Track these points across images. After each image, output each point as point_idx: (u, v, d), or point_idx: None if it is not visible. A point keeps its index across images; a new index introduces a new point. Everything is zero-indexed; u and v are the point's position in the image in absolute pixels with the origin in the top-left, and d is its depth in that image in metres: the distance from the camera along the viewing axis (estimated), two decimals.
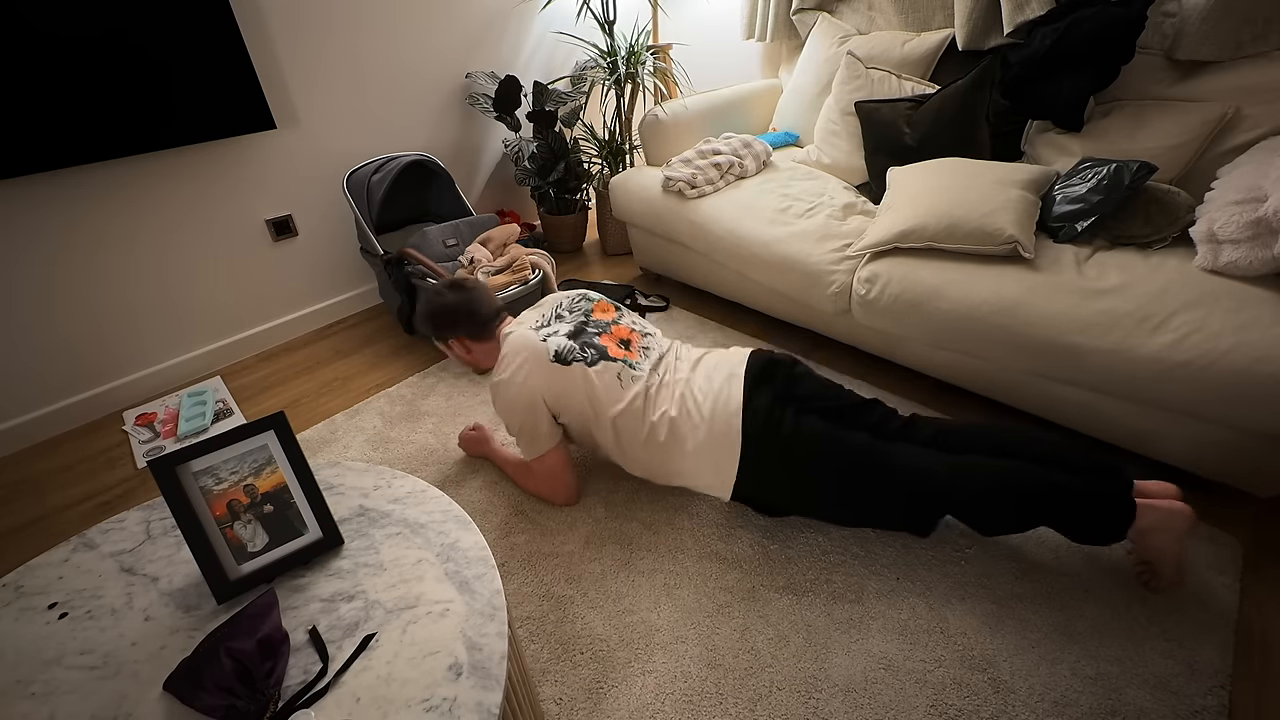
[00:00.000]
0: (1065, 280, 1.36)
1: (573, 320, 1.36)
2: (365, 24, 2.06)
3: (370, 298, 2.40)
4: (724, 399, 1.22)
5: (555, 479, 1.37)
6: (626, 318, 1.42)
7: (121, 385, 1.87)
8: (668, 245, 2.17)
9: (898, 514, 1.20)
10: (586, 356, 1.28)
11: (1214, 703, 0.99)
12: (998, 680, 1.03)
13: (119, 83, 1.59)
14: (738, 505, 1.38)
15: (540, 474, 1.37)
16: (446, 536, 0.82)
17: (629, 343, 1.35)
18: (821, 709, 1.01)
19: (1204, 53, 1.51)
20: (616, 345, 1.33)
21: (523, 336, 1.31)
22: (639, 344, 1.36)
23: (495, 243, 2.00)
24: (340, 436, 1.67)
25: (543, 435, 1.31)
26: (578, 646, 1.12)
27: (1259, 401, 1.14)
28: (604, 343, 1.32)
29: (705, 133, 2.27)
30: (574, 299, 1.43)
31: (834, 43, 2.18)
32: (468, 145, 2.56)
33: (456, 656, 0.66)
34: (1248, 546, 1.23)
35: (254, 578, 0.76)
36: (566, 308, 1.40)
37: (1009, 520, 1.13)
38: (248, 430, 0.76)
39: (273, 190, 2.03)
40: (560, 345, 1.28)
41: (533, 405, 1.27)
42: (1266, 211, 1.19)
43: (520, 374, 1.27)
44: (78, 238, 1.69)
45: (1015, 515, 1.12)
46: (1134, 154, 1.51)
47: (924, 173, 1.67)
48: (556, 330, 1.32)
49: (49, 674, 0.68)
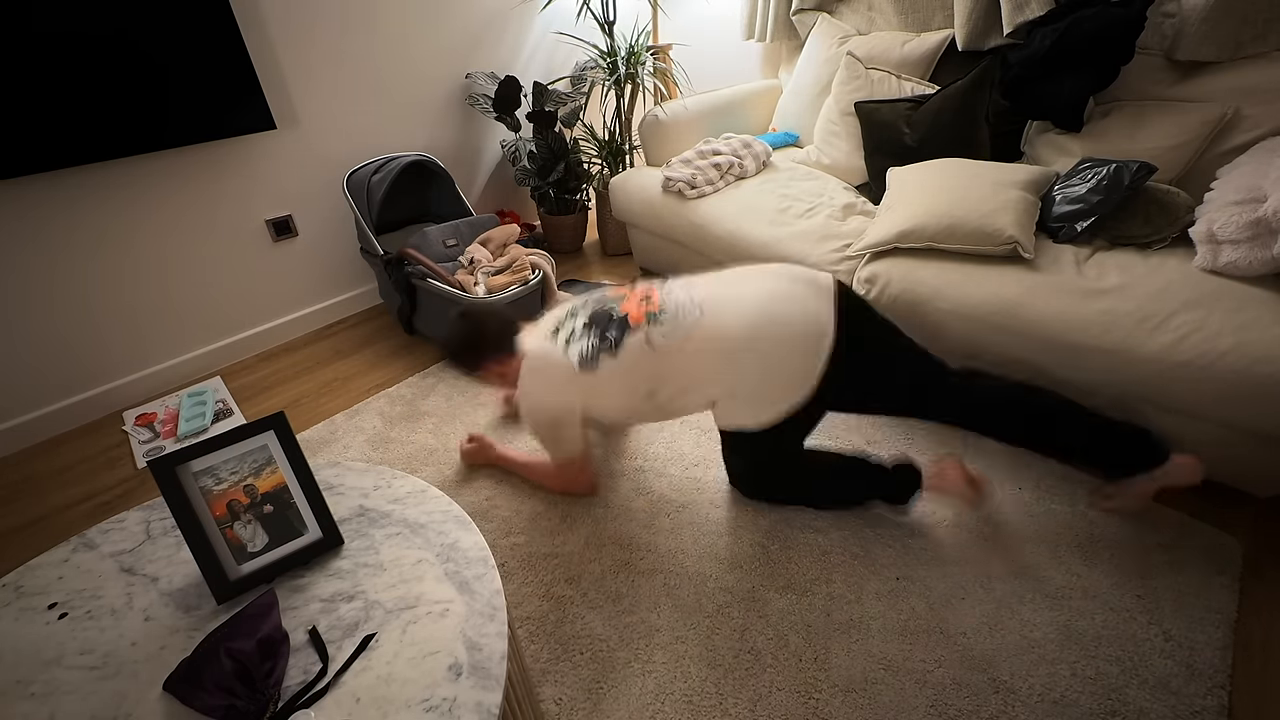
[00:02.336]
0: (1065, 280, 1.36)
1: (588, 308, 1.28)
2: (365, 24, 2.06)
3: (370, 298, 2.40)
4: (807, 315, 1.17)
5: (580, 473, 1.38)
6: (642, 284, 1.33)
7: (121, 385, 1.87)
8: (668, 245, 2.17)
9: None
10: (609, 343, 1.20)
11: (1214, 703, 0.98)
12: (998, 680, 1.03)
13: (119, 83, 1.59)
14: (737, 505, 1.38)
15: (563, 472, 1.38)
16: (446, 537, 0.82)
17: (649, 297, 1.25)
18: (821, 709, 1.01)
19: (1204, 53, 1.51)
20: (638, 304, 1.24)
21: (541, 351, 1.27)
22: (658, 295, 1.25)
23: (495, 243, 2.00)
24: (340, 436, 1.67)
25: (570, 441, 1.31)
26: (578, 646, 1.12)
27: (1259, 401, 1.14)
28: (624, 310, 1.23)
29: (705, 133, 2.28)
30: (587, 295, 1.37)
31: (834, 43, 2.18)
32: (468, 145, 2.56)
33: (456, 656, 0.66)
34: (1247, 547, 1.23)
35: (254, 578, 0.76)
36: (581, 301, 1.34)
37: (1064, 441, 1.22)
38: (248, 430, 0.76)
39: (273, 190, 2.03)
40: (582, 349, 1.22)
41: (560, 418, 1.27)
42: (1266, 212, 1.19)
43: (548, 390, 1.26)
44: (78, 237, 1.69)
45: (1067, 437, 1.21)
46: (1134, 154, 1.51)
47: (924, 173, 1.67)
48: (573, 331, 1.25)
49: (49, 674, 0.68)
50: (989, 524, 1.30)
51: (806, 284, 1.22)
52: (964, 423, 1.28)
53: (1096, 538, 1.26)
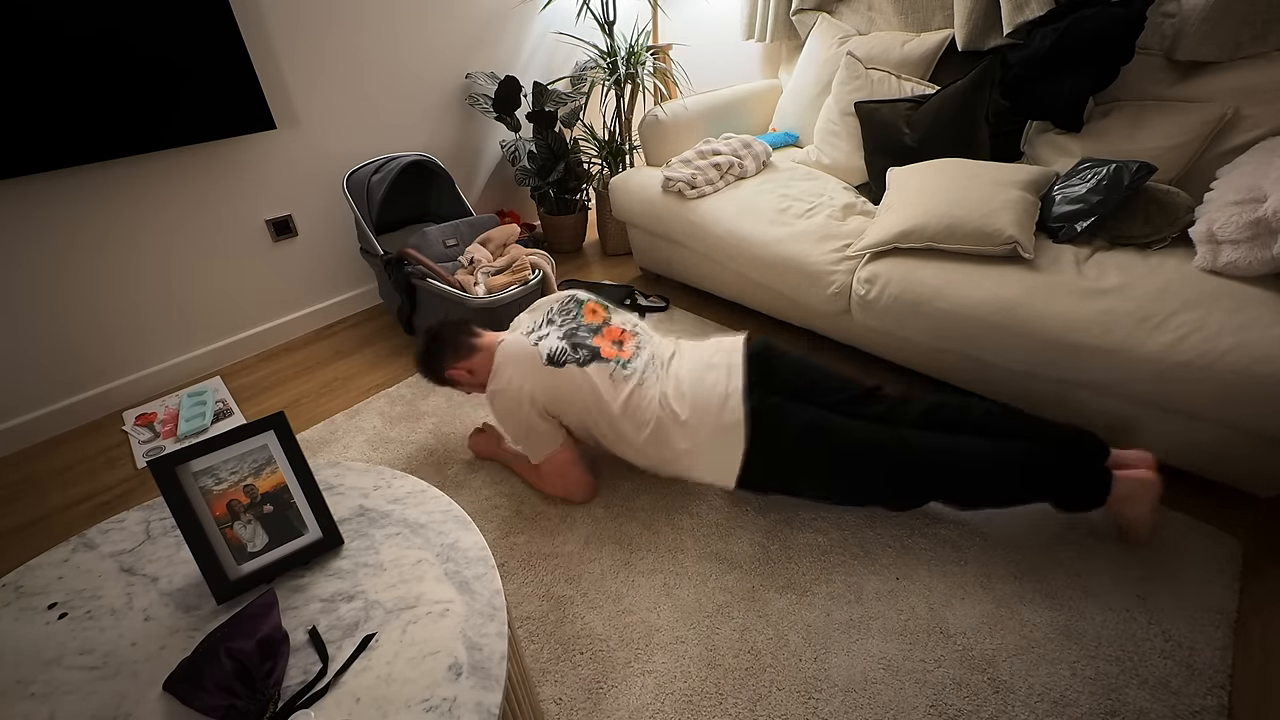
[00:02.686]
0: (1065, 280, 1.36)
1: (564, 325, 1.38)
2: (365, 24, 2.06)
3: (370, 298, 2.40)
4: (722, 393, 1.24)
5: (565, 477, 1.38)
6: (616, 317, 1.44)
7: (121, 385, 1.87)
8: (667, 245, 2.17)
9: (886, 491, 1.25)
10: (579, 357, 1.29)
11: (1214, 703, 0.98)
12: (998, 680, 1.03)
13: (120, 83, 1.59)
14: (737, 505, 1.38)
15: (550, 474, 1.38)
16: (446, 537, 0.82)
17: (621, 342, 1.36)
18: (821, 709, 1.01)
19: (1203, 53, 1.51)
20: (610, 345, 1.34)
21: (515, 343, 1.34)
22: (631, 343, 1.37)
23: (495, 243, 2.00)
24: (340, 436, 1.67)
25: (543, 438, 1.32)
26: (578, 646, 1.12)
27: (1259, 401, 1.14)
28: (596, 343, 1.33)
29: (705, 133, 2.27)
30: (564, 301, 1.45)
31: (834, 43, 2.18)
32: (468, 145, 2.56)
33: (456, 656, 0.66)
34: (1248, 547, 1.23)
35: (254, 578, 0.76)
36: (558, 311, 1.43)
37: (993, 497, 1.21)
38: (248, 430, 0.76)
39: (273, 190, 2.03)
40: (553, 347, 1.30)
41: (528, 408, 1.28)
42: (1266, 212, 1.19)
43: (515, 381, 1.29)
44: (81, 237, 1.69)
45: (1000, 492, 1.21)
46: (1134, 154, 1.50)
47: (924, 173, 1.67)
48: (548, 334, 1.35)
49: (49, 674, 0.68)
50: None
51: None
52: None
53: (1096, 538, 1.26)
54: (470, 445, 1.58)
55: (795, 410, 1.23)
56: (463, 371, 1.40)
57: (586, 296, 1.47)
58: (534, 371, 1.28)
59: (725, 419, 1.22)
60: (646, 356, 1.35)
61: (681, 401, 1.26)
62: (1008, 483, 1.18)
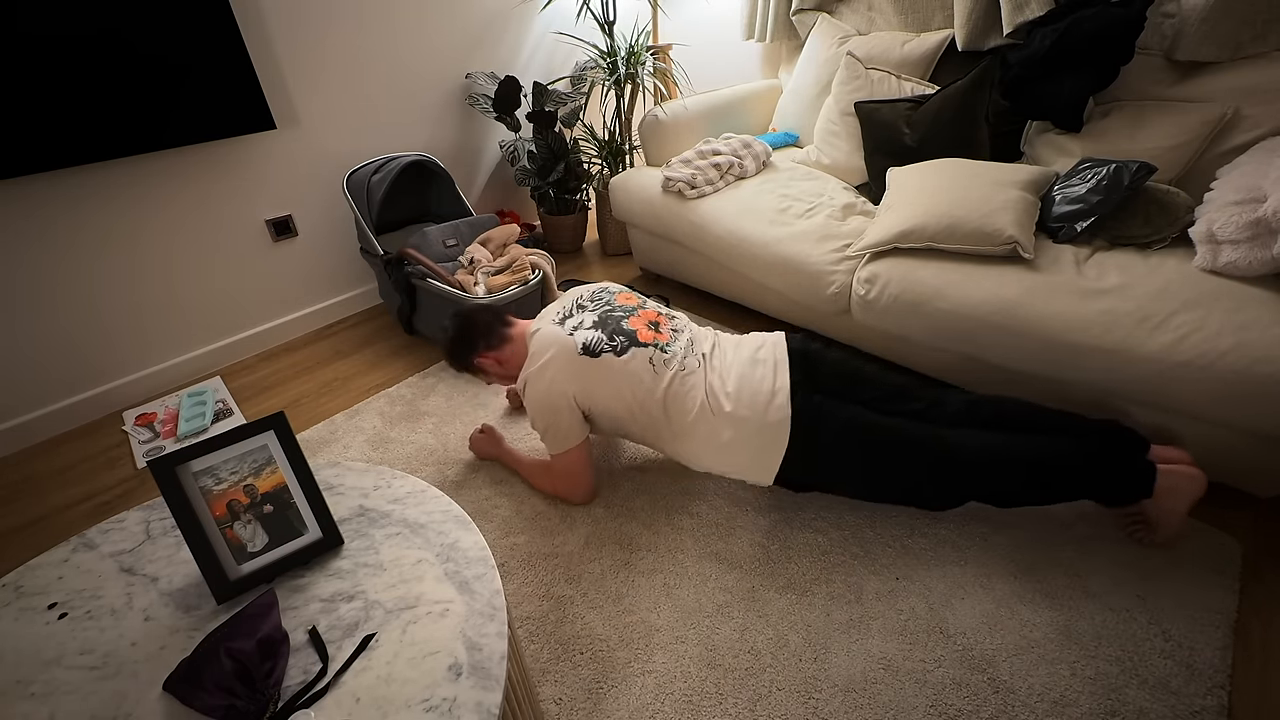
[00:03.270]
0: (1065, 280, 1.36)
1: (596, 310, 1.35)
2: (365, 24, 2.06)
3: (370, 298, 2.40)
4: (770, 389, 1.22)
5: (575, 477, 1.37)
6: (651, 303, 1.42)
7: (121, 385, 1.87)
8: (667, 245, 2.18)
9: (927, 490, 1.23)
10: (616, 345, 1.26)
11: (1214, 703, 0.99)
12: (998, 680, 1.03)
13: (120, 83, 1.59)
14: (737, 505, 1.38)
15: (560, 471, 1.37)
16: (446, 537, 0.82)
17: (658, 324, 1.33)
18: (821, 709, 1.01)
19: (1203, 53, 1.51)
20: (646, 328, 1.31)
21: (550, 332, 1.30)
22: (668, 326, 1.34)
23: (495, 243, 2.01)
24: (340, 436, 1.67)
25: (569, 431, 1.30)
26: (578, 646, 1.12)
27: (1259, 401, 1.14)
28: (633, 326, 1.30)
29: (705, 133, 2.27)
30: (595, 291, 1.42)
31: (834, 43, 2.18)
32: (468, 145, 2.56)
33: (456, 657, 0.66)
34: (1247, 547, 1.23)
35: (254, 578, 0.76)
36: (589, 298, 1.39)
37: (1035, 494, 1.20)
38: (248, 430, 0.76)
39: (273, 190, 2.03)
40: (588, 338, 1.27)
41: (561, 401, 1.27)
42: (1266, 212, 1.19)
43: (549, 370, 1.26)
44: (82, 236, 1.69)
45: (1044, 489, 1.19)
46: (1133, 154, 1.51)
47: (923, 173, 1.67)
48: (581, 322, 1.31)
49: (49, 674, 0.68)
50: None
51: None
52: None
53: (1096, 538, 1.26)
54: (470, 445, 1.57)
55: (836, 408, 1.21)
56: (491, 361, 1.39)
57: (619, 287, 1.45)
58: (570, 362, 1.25)
59: (771, 416, 1.20)
60: (684, 341, 1.32)
61: (727, 395, 1.23)
62: (1052, 478, 1.17)
